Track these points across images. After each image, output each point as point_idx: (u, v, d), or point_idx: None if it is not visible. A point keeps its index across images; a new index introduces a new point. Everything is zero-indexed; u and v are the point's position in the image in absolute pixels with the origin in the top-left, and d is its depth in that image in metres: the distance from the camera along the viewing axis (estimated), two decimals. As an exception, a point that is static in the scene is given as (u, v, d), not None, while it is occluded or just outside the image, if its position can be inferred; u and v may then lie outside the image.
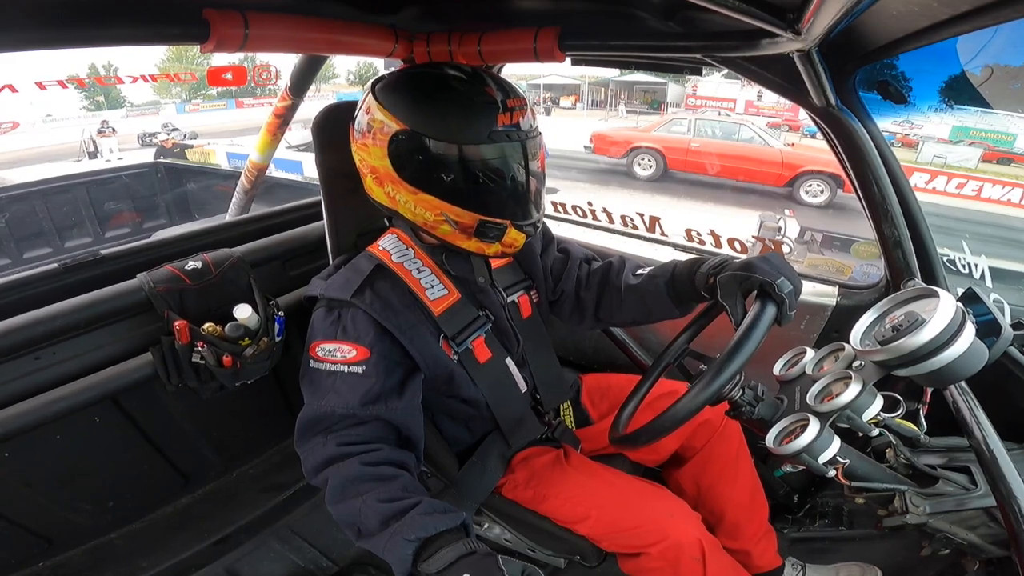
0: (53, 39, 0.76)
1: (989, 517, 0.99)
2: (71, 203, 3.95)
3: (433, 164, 0.94)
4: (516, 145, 0.96)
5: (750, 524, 1.28)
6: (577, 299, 1.26)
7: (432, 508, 0.85)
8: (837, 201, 7.99)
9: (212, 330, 1.13)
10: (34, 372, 1.09)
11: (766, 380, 0.98)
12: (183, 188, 4.44)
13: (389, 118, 0.95)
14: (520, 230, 1.01)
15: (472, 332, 1.08)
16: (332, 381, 0.96)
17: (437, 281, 1.06)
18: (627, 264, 1.23)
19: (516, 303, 1.19)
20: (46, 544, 1.33)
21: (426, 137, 0.93)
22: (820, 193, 8.11)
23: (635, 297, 1.17)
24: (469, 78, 0.98)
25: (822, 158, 7.95)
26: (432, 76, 1.00)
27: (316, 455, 0.93)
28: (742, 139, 8.86)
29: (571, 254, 1.28)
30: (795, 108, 15.22)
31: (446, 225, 0.98)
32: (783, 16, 0.71)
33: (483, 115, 0.94)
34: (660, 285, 1.12)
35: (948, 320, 0.77)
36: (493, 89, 0.96)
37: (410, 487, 0.90)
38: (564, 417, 1.27)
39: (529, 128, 0.98)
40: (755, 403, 0.92)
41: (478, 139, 0.93)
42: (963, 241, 1.82)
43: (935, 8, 0.72)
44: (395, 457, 0.94)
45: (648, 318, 1.19)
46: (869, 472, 0.93)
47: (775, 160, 8.40)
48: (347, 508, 0.88)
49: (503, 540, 1.25)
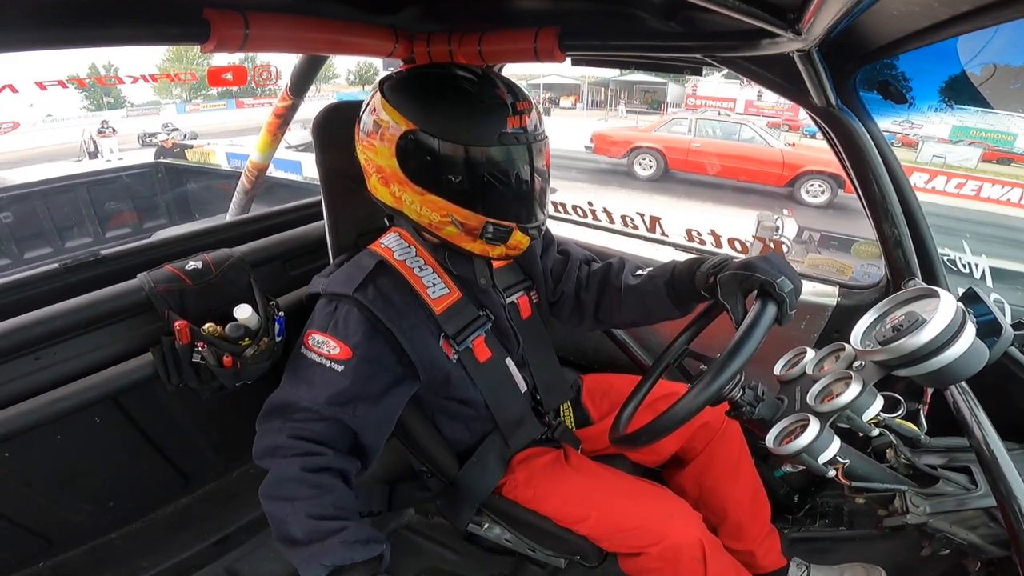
0: (53, 39, 0.76)
1: (989, 517, 0.99)
2: (72, 203, 3.95)
3: (441, 165, 0.94)
4: (524, 148, 0.96)
5: (753, 525, 1.29)
6: (577, 300, 1.27)
7: (355, 537, 0.87)
8: (838, 201, 7.97)
9: (212, 330, 1.13)
10: (34, 372, 1.09)
11: (766, 380, 0.98)
12: (183, 188, 4.45)
13: (398, 118, 0.94)
14: (525, 232, 1.01)
15: (472, 331, 1.08)
16: (311, 372, 0.97)
17: (438, 280, 1.06)
18: (627, 265, 1.23)
19: (516, 304, 1.19)
20: (46, 544, 1.33)
21: (435, 138, 0.92)
22: (821, 193, 8.10)
23: (635, 298, 1.17)
24: (479, 79, 0.98)
25: (823, 158, 7.94)
26: (442, 76, 1.00)
27: (267, 439, 0.95)
28: (743, 139, 8.84)
29: (571, 255, 1.28)
30: (795, 108, 15.21)
31: (452, 227, 0.98)
32: (783, 16, 0.71)
33: (493, 117, 0.93)
34: (660, 285, 1.13)
35: (948, 320, 0.77)
36: (503, 91, 0.96)
37: (340, 503, 0.91)
38: (564, 417, 1.27)
39: (536, 130, 0.98)
40: (755, 403, 0.92)
41: (488, 141, 0.93)
42: (963, 241, 1.82)
43: (936, 8, 0.72)
44: (337, 464, 0.95)
45: (648, 319, 1.20)
46: (869, 472, 0.92)
47: (776, 160, 8.39)
48: (276, 507, 0.90)
49: (503, 540, 1.25)
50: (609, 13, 1.06)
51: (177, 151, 10.03)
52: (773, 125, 12.00)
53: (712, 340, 1.08)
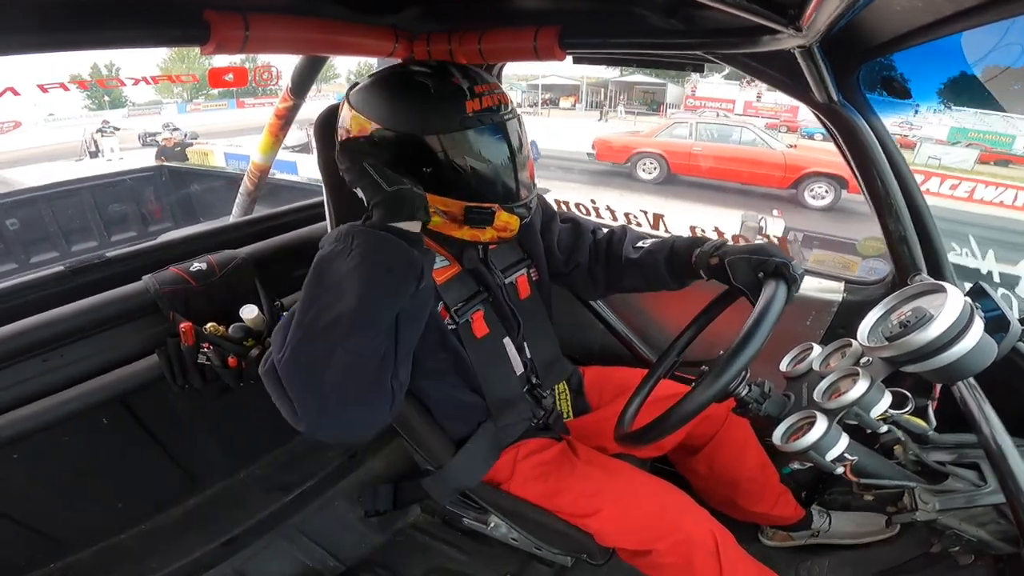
0: (52, 42, 0.76)
1: (999, 514, 0.98)
2: (76, 207, 3.98)
3: (410, 158, 0.95)
4: (489, 128, 0.97)
5: (766, 487, 1.35)
6: (590, 271, 1.29)
7: None
8: (843, 205, 7.86)
9: (214, 329, 1.13)
10: (42, 375, 1.09)
11: (772, 377, 0.98)
12: (187, 190, 4.47)
13: (363, 121, 0.97)
14: (511, 212, 1.01)
15: (472, 306, 1.09)
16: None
17: (437, 254, 1.06)
18: (628, 235, 1.27)
19: (515, 284, 1.19)
20: (56, 545, 1.34)
21: (396, 132, 0.94)
22: (825, 195, 7.99)
23: (636, 270, 1.21)
24: (433, 71, 1.00)
25: (824, 159, 7.85)
26: (399, 75, 1.02)
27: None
28: (744, 141, 8.77)
29: (580, 225, 1.31)
30: (793, 109, 15.05)
31: (437, 216, 0.99)
32: (784, 12, 0.70)
33: (450, 104, 0.95)
34: (659, 260, 1.17)
35: (956, 316, 0.76)
36: (459, 78, 0.97)
37: None
38: (561, 403, 1.28)
39: (502, 111, 0.99)
40: (762, 400, 0.91)
41: (448, 128, 0.94)
42: (956, 244, 1.79)
43: (939, 3, 0.71)
44: None
45: (647, 288, 1.25)
46: (878, 469, 0.92)
47: (778, 163, 8.32)
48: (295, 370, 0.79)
49: (510, 539, 1.25)
50: (609, 11, 1.06)
51: (178, 150, 10.07)
52: (771, 126, 11.95)
53: (713, 339, 1.08)
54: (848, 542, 1.39)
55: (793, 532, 1.43)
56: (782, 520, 1.39)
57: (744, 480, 1.33)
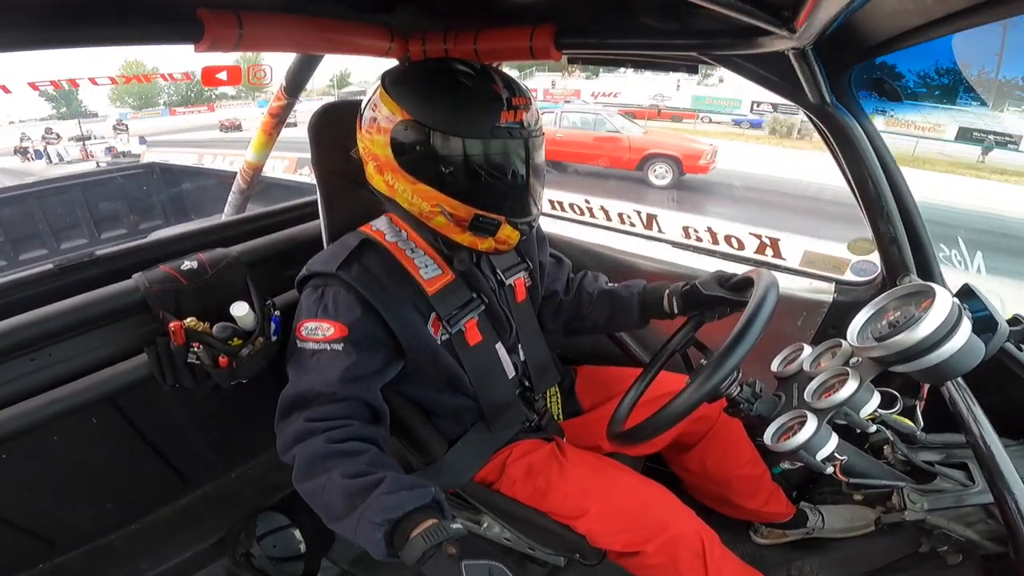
0: (45, 40, 0.76)
1: (987, 513, 0.99)
2: (66, 204, 3.94)
3: (432, 155, 0.95)
4: (518, 143, 0.97)
5: (759, 484, 1.36)
6: (560, 302, 1.32)
7: (398, 485, 0.82)
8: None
9: (195, 325, 1.12)
10: (30, 374, 1.08)
11: (763, 377, 0.98)
12: (179, 188, 4.44)
13: (394, 108, 0.96)
14: (515, 227, 1.01)
15: (465, 314, 1.08)
16: (315, 360, 0.97)
17: (431, 261, 1.07)
18: (600, 276, 1.34)
19: (512, 286, 1.20)
20: (46, 546, 1.32)
21: (427, 128, 0.94)
22: (666, 175, 8.76)
23: (606, 300, 1.27)
24: (477, 73, 0.99)
25: (666, 142, 9.07)
26: (440, 70, 1.02)
27: (288, 432, 0.92)
28: (609, 129, 9.34)
29: (563, 260, 1.35)
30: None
31: (441, 217, 0.99)
32: (778, 14, 0.71)
33: (487, 110, 0.95)
34: (633, 293, 1.24)
35: (944, 316, 0.77)
36: (499, 86, 0.97)
37: (377, 461, 0.88)
38: (551, 404, 1.28)
39: (532, 127, 0.99)
40: (753, 400, 0.92)
41: (479, 134, 0.95)
42: None
43: (930, 6, 0.72)
44: (365, 433, 0.93)
45: (606, 324, 1.30)
46: (867, 468, 0.93)
47: (625, 146, 9.09)
48: (313, 487, 0.86)
49: (503, 539, 1.24)
50: (605, 11, 1.06)
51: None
52: (638, 114, 12.45)
53: (713, 338, 1.08)
54: (840, 536, 1.40)
55: (787, 530, 1.44)
56: (774, 517, 1.40)
57: (736, 478, 1.34)
